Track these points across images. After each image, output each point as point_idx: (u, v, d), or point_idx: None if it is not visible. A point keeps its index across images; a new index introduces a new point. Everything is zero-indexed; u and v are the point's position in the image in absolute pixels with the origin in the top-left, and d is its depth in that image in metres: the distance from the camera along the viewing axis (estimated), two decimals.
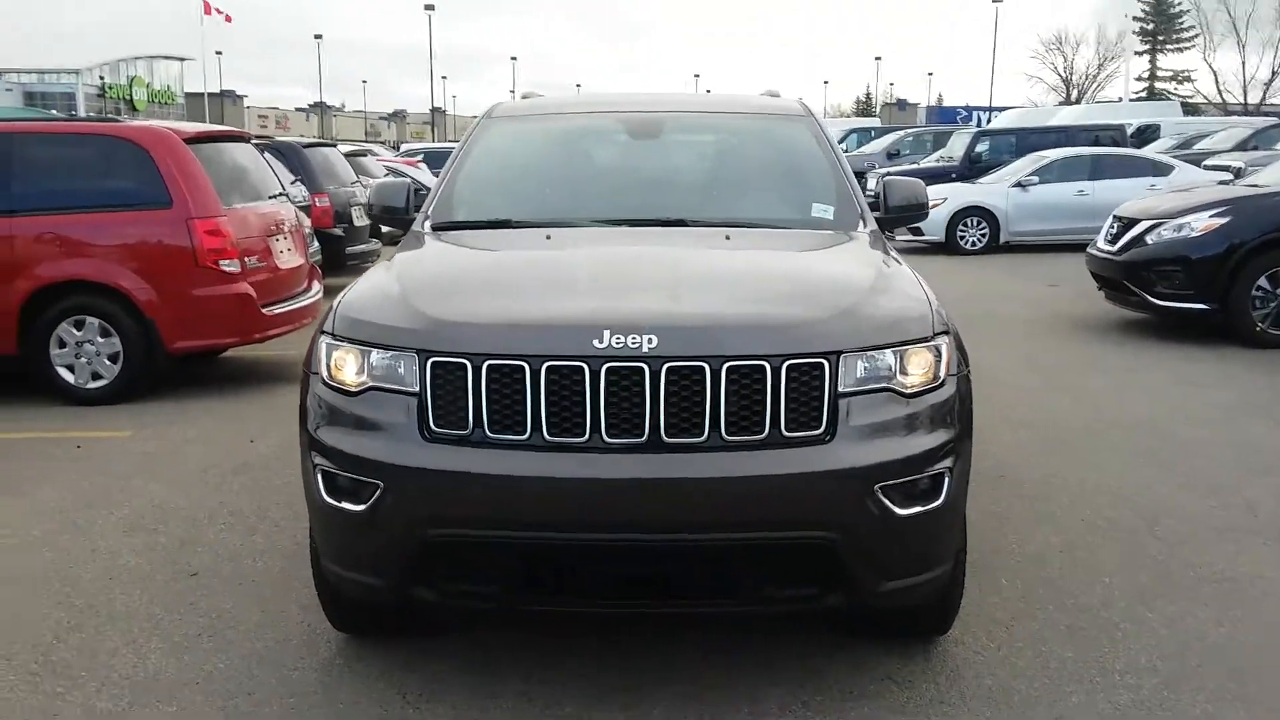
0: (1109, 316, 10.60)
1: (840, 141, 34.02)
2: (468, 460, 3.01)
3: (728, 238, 4.04)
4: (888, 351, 3.16)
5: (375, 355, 3.18)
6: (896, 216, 4.55)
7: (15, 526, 5.01)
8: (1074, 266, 10.79)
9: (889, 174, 4.81)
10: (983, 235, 17.15)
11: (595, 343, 3.00)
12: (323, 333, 3.38)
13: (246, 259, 7.68)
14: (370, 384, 3.17)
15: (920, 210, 4.61)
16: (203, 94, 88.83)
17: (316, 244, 10.95)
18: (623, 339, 3.00)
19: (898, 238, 17.56)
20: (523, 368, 3.02)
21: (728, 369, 3.00)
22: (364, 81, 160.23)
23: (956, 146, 21.22)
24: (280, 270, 8.16)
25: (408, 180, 4.72)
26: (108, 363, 7.44)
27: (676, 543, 3.01)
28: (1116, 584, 4.26)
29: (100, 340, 7.42)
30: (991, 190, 17.35)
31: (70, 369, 7.44)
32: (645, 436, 2.98)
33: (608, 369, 2.99)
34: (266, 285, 7.92)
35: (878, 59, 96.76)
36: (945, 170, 20.32)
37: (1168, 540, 4.74)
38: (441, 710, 3.34)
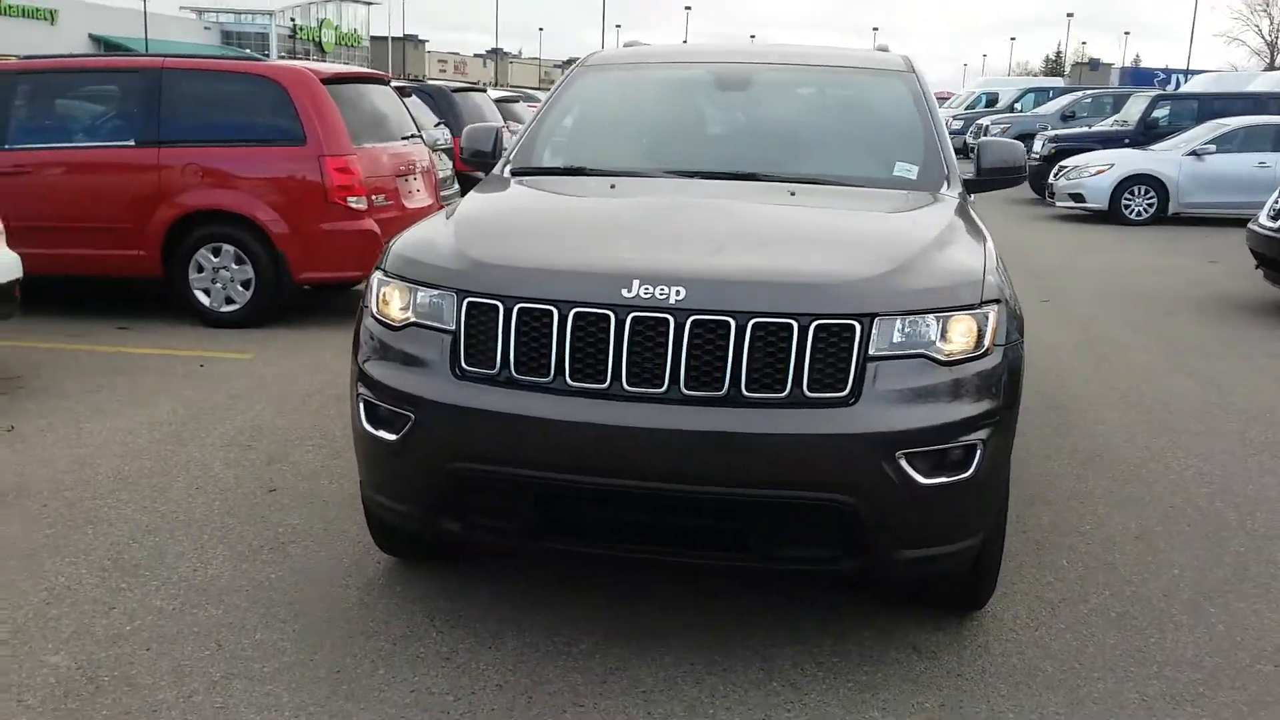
0: (1264, 297, 9.98)
1: (1016, 101, 32.75)
2: (492, 399, 3.09)
3: (793, 193, 3.99)
4: (928, 317, 3.08)
5: (420, 293, 3.28)
6: (989, 179, 4.40)
7: (126, 435, 5.38)
8: (1242, 242, 10.16)
9: (991, 137, 4.62)
10: (1149, 205, 16.28)
11: (624, 291, 3.03)
12: (376, 269, 3.50)
13: (374, 197, 7.96)
14: (413, 320, 3.28)
15: (1017, 174, 4.45)
16: (386, 38, 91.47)
17: (457, 185, 11.25)
18: (651, 289, 3.02)
19: (1058, 205, 16.89)
20: (551, 312, 3.07)
21: (754, 325, 2.98)
22: (540, 29, 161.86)
23: (1133, 110, 20.11)
24: (408, 210, 8.40)
25: (498, 125, 4.81)
26: (240, 288, 7.86)
27: (690, 494, 3.02)
28: (1185, 576, 4.07)
29: (235, 267, 7.83)
30: (1163, 158, 16.42)
31: (206, 293, 7.89)
32: (665, 387, 3.00)
33: (633, 318, 3.01)
34: (393, 223, 8.15)
35: (1069, 15, 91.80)
36: (1119, 135, 19.29)
37: (1256, 535, 4.49)
38: (462, 635, 3.47)
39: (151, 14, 74.94)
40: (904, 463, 2.99)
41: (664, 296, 3.01)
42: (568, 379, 3.05)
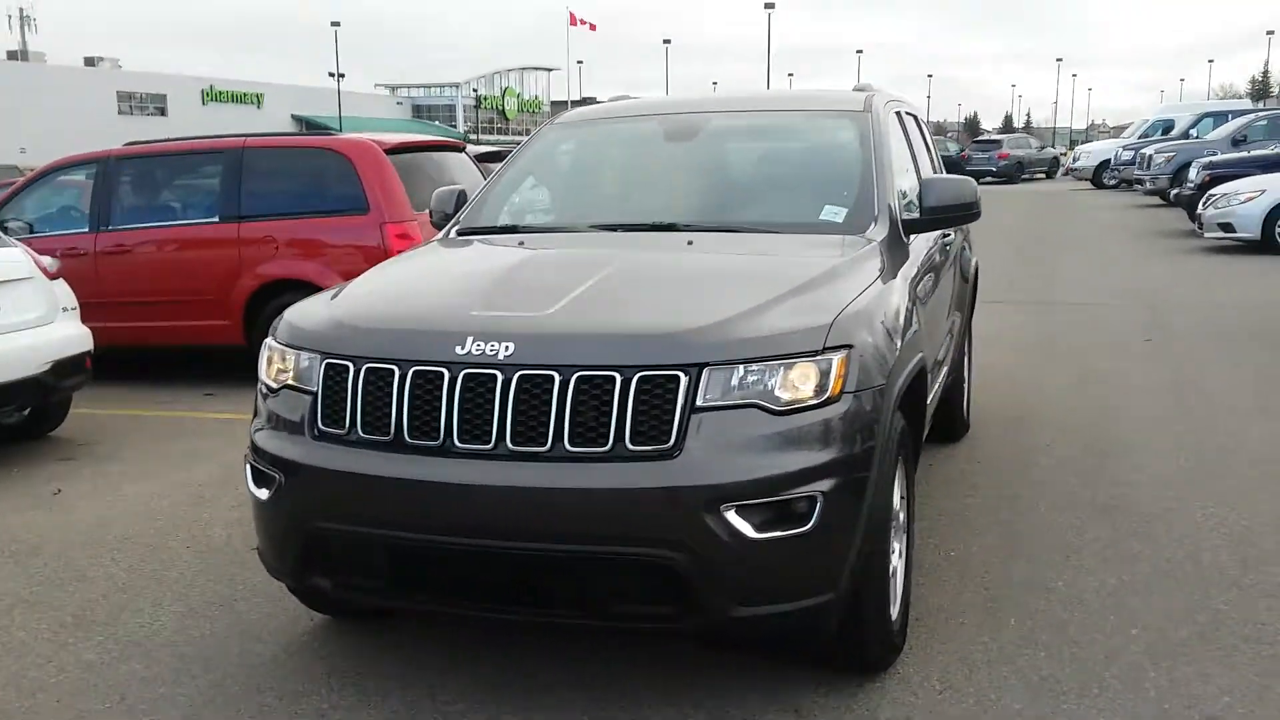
0: None
1: (1191, 126, 30.99)
2: (342, 459, 3.18)
3: (690, 243, 3.96)
4: (764, 364, 3.00)
5: (292, 357, 3.42)
6: (932, 219, 4.24)
7: (153, 498, 5.72)
8: None
9: (936, 178, 4.43)
10: None
11: (458, 349, 3.08)
12: (268, 335, 3.67)
13: None
14: (288, 383, 3.42)
15: (966, 211, 4.26)
16: (566, 101, 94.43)
17: None
18: (482, 346, 3.06)
19: (1206, 235, 15.91)
20: (393, 370, 3.15)
21: (577, 379, 2.98)
22: (714, 83, 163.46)
23: None
24: None
25: (460, 187, 4.95)
26: None
27: (520, 551, 3.02)
28: (1143, 637, 3.76)
29: None
30: None
31: None
32: (493, 444, 3.02)
33: (465, 375, 3.06)
34: None
35: (1269, 34, 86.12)
36: None
37: (1250, 591, 4.11)
38: (349, 693, 3.53)
39: (348, 92, 79.90)
40: (731, 516, 2.91)
41: (493, 353, 3.04)
42: (406, 437, 3.11)
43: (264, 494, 3.40)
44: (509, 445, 3.01)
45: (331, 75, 75.64)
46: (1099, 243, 17.67)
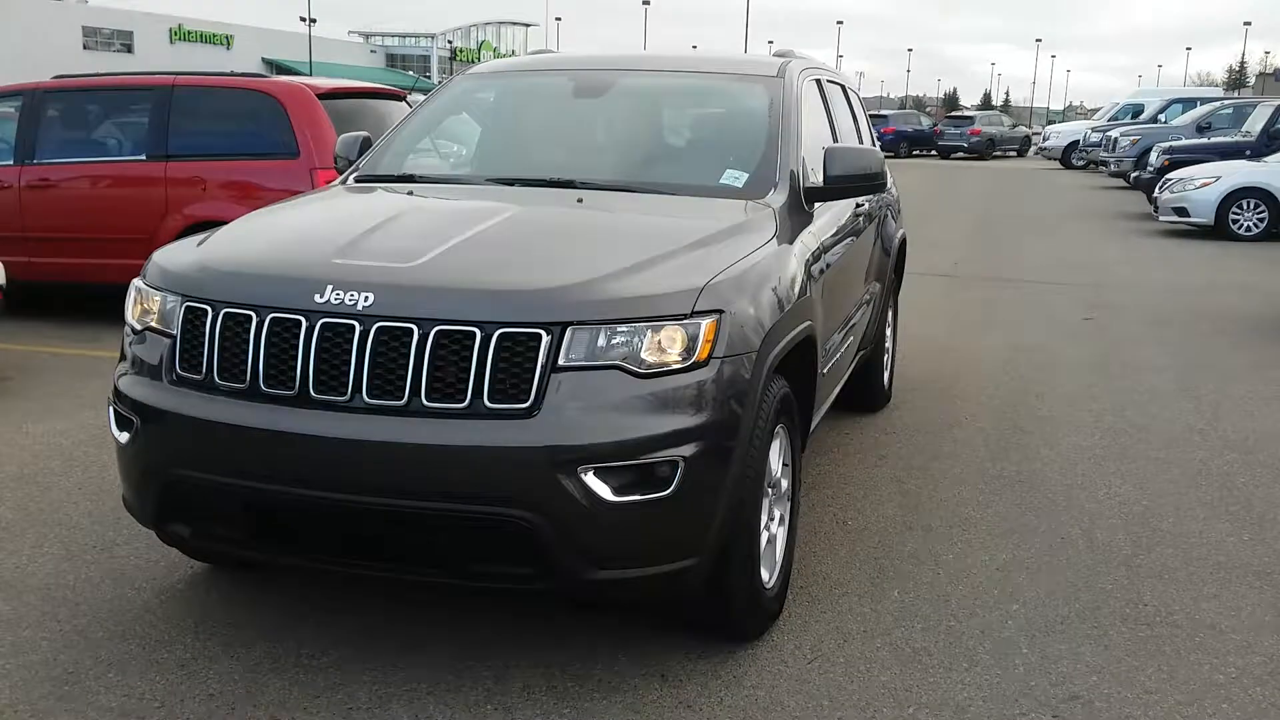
0: None
1: (1160, 112, 31.05)
2: (195, 405, 3.09)
3: (580, 200, 3.87)
4: (630, 326, 2.93)
5: (156, 299, 3.32)
6: (835, 187, 4.16)
7: (58, 437, 5.60)
8: None
9: (839, 147, 4.35)
10: (1260, 220, 15.21)
11: (316, 297, 2.99)
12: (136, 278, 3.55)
13: None
14: (150, 325, 3.32)
15: (870, 181, 4.18)
16: None
17: None
18: (341, 295, 2.97)
19: (1161, 219, 15.97)
20: (250, 317, 3.05)
21: (436, 333, 2.90)
22: (694, 46, 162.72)
23: (1256, 121, 18.84)
24: None
25: (365, 134, 4.82)
26: None
27: (375, 506, 2.94)
28: (1022, 612, 3.75)
29: None
30: (1276, 169, 15.32)
31: None
32: (349, 396, 2.94)
33: (322, 324, 2.97)
34: None
35: (1246, 24, 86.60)
36: (1239, 146, 18.11)
37: (1139, 572, 4.12)
38: (214, 644, 3.47)
39: (320, 38, 78.73)
40: (588, 478, 2.84)
41: (352, 303, 2.95)
42: (261, 385, 3.02)
43: (124, 438, 3.31)
44: (365, 398, 2.93)
45: (303, 20, 74.43)
46: (1057, 222, 17.71)
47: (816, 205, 4.21)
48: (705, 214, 3.75)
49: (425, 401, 2.89)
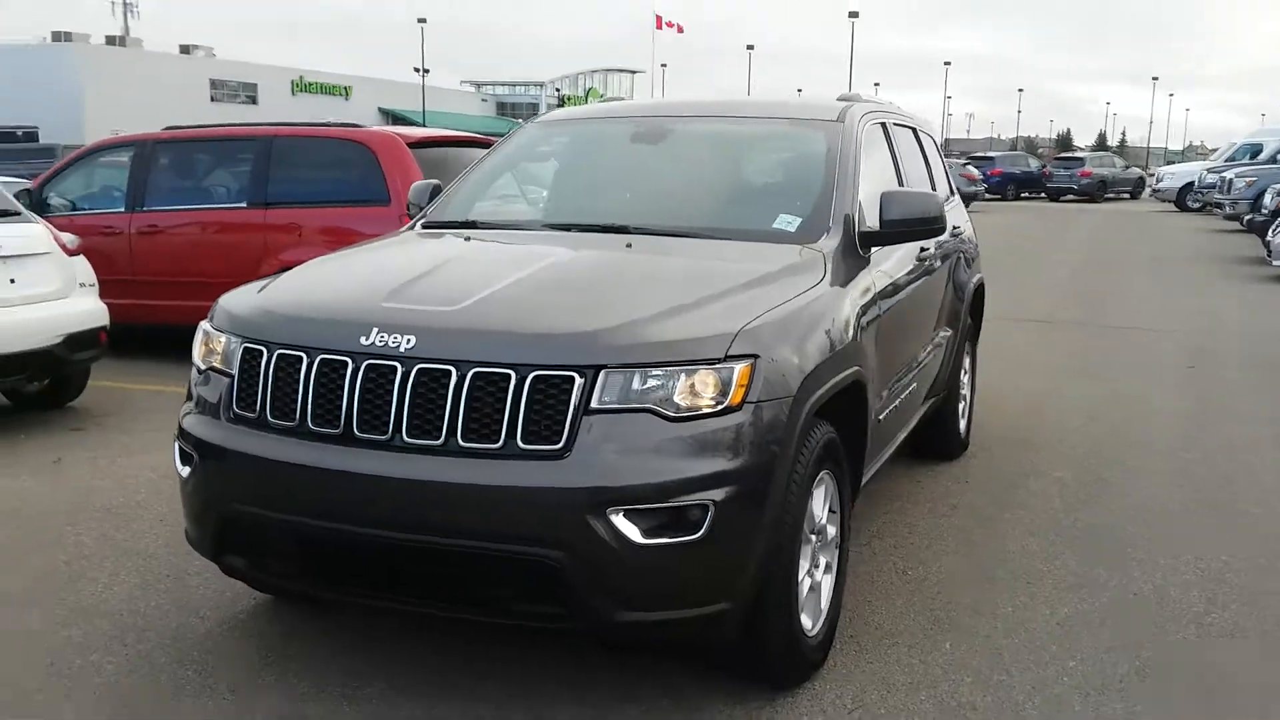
0: None
1: (1279, 152, 29.88)
2: (249, 443, 3.22)
3: (629, 245, 3.92)
4: (664, 369, 2.97)
5: (219, 339, 3.47)
6: (892, 232, 4.14)
7: (148, 470, 5.84)
8: None
9: (897, 192, 4.32)
10: None
11: (362, 339, 3.10)
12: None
13: None
14: (212, 366, 3.47)
15: (927, 225, 4.14)
16: None
17: None
18: (385, 337, 3.08)
19: (1275, 263, 15.37)
20: (301, 357, 3.18)
21: (474, 375, 2.97)
22: (799, 90, 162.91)
23: None
24: None
25: (436, 182, 4.97)
26: None
27: (410, 542, 3.01)
28: (1080, 669, 3.64)
29: None
30: None
31: None
32: (389, 435, 3.03)
33: (367, 365, 3.07)
34: None
35: None
36: None
37: (1209, 630, 3.96)
38: (270, 673, 3.57)
39: (434, 88, 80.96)
40: (618, 519, 2.87)
41: (395, 345, 3.05)
42: (310, 423, 3.13)
43: (185, 473, 3.45)
44: (405, 438, 3.01)
45: (416, 71, 76.71)
46: (1165, 266, 17.20)
47: (875, 250, 4.19)
48: (753, 258, 3.77)
49: (461, 441, 2.96)
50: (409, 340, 3.05)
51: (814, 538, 3.47)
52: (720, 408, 2.97)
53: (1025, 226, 27.03)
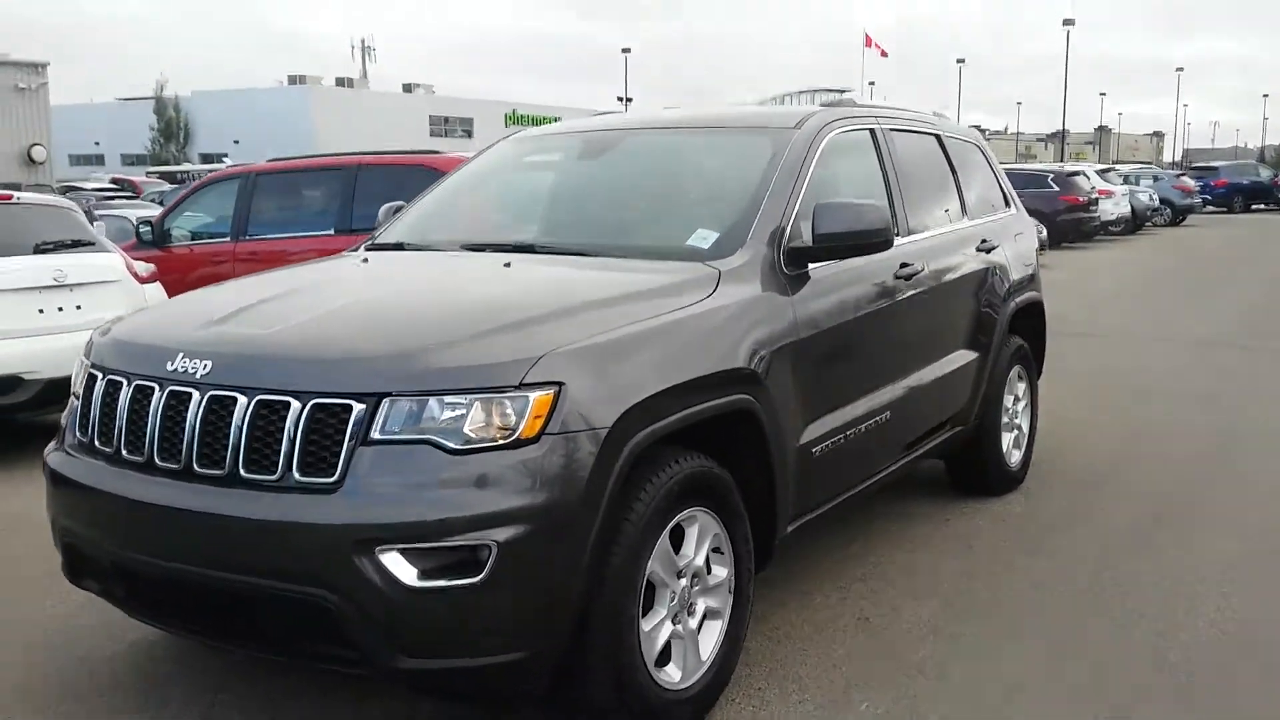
0: None
1: None
2: (76, 469, 3.20)
3: (507, 265, 3.68)
4: (451, 399, 2.73)
5: (83, 367, 3.45)
6: (822, 247, 3.74)
7: None
8: None
9: (831, 203, 3.88)
10: None
11: (168, 364, 3.02)
12: None
13: None
14: (73, 392, 3.47)
15: (861, 239, 3.71)
16: None
17: None
18: (187, 363, 2.98)
19: None
20: (121, 383, 3.12)
21: (257, 402, 2.83)
22: (1019, 103, 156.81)
23: None
24: None
25: (400, 204, 4.89)
26: None
27: (202, 578, 2.87)
28: (1027, 690, 3.16)
29: None
30: None
31: None
32: (182, 464, 2.92)
33: (170, 391, 2.98)
34: None
35: None
36: None
37: (1197, 663, 3.38)
38: (191, 705, 3.51)
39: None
40: (387, 559, 2.66)
41: (193, 370, 2.95)
42: (123, 451, 3.06)
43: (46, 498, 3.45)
44: (196, 467, 2.89)
45: (619, 100, 78.14)
46: None
47: (818, 266, 3.81)
48: (626, 277, 3.46)
49: (243, 472, 2.82)
50: (205, 365, 2.94)
51: (680, 581, 3.14)
52: (509, 440, 2.71)
53: (1238, 240, 24.92)
